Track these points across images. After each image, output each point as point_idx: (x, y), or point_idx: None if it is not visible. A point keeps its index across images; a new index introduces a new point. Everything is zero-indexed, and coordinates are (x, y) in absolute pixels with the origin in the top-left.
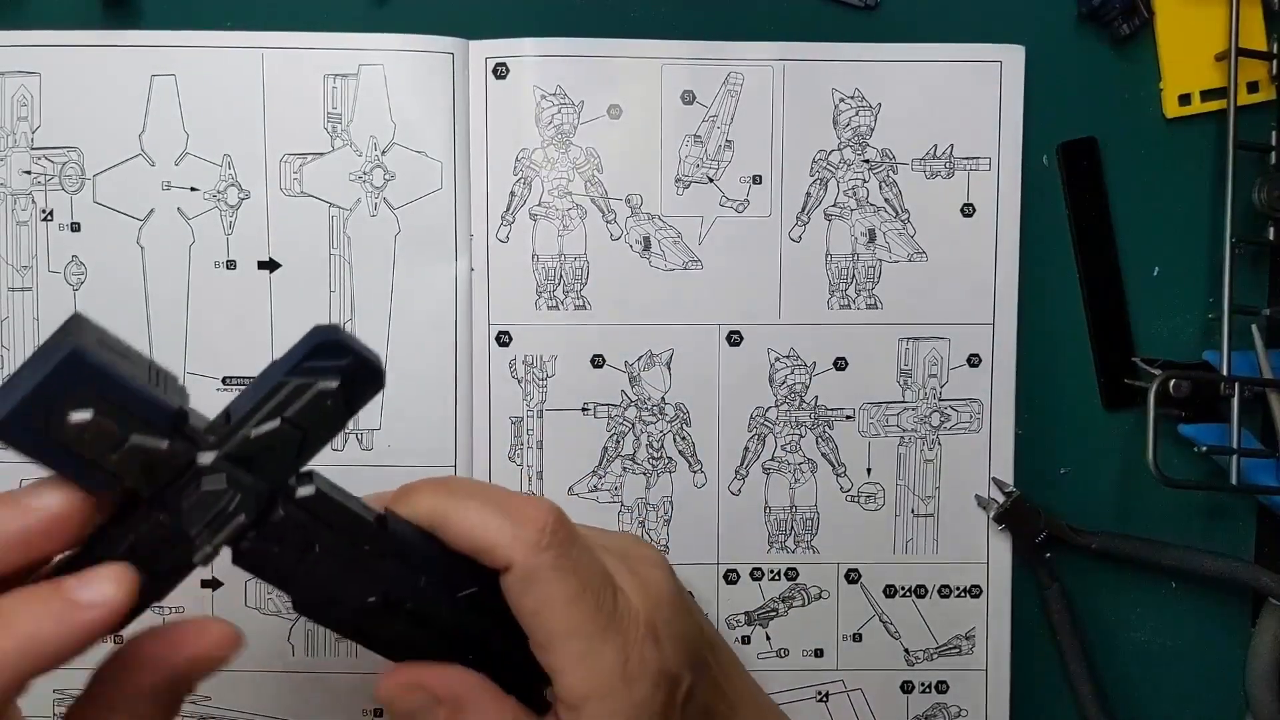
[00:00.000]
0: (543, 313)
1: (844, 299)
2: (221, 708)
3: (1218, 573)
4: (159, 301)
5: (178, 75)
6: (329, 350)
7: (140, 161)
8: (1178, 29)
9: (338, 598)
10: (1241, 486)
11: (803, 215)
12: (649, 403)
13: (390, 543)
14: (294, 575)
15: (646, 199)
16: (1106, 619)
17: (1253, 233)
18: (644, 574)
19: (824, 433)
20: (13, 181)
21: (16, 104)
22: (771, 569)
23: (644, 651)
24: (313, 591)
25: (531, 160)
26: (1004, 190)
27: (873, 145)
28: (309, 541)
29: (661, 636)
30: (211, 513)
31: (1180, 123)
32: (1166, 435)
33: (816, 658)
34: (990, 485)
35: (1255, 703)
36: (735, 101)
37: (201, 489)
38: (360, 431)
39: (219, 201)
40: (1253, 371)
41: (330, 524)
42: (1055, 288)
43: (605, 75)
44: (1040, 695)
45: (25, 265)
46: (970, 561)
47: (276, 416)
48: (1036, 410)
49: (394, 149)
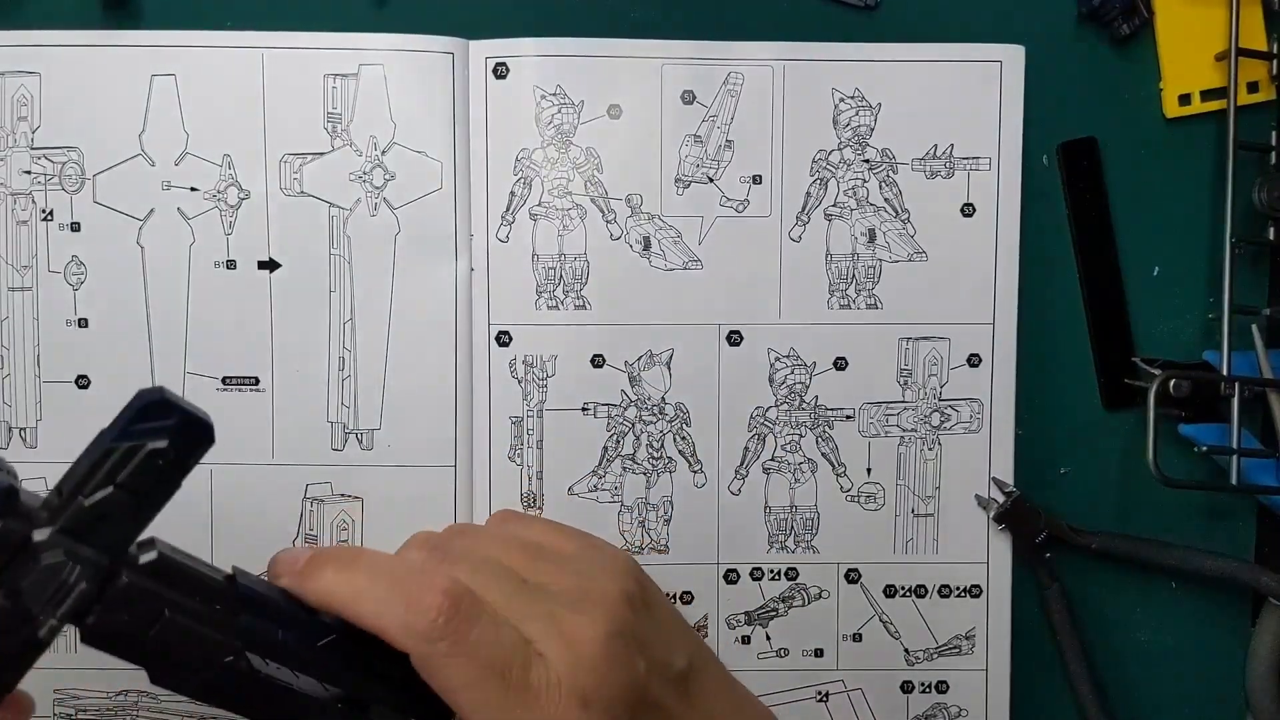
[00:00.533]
0: (543, 313)
1: (844, 299)
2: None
3: (1218, 573)
4: (159, 301)
5: (178, 75)
6: (155, 411)
7: (140, 161)
8: (1178, 29)
9: (194, 663)
10: (1241, 486)
11: (803, 215)
12: (649, 403)
13: (241, 600)
14: (146, 646)
15: (646, 199)
16: (1106, 619)
17: (1253, 233)
18: (572, 629)
19: (824, 433)
20: (12, 181)
21: (16, 104)
22: (771, 569)
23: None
24: (167, 660)
25: (531, 160)
26: (1004, 190)
27: (873, 145)
28: (157, 609)
29: (591, 699)
30: (51, 588)
31: (1180, 123)
32: (1166, 435)
33: (816, 658)
34: (990, 485)
35: (1255, 703)
36: (735, 101)
37: (40, 565)
38: (360, 431)
39: (219, 201)
40: (1253, 371)
41: (177, 587)
42: (1055, 288)
43: (605, 75)
44: (1040, 695)
45: (25, 265)
46: (970, 561)
47: (109, 484)
48: (1036, 410)
49: (394, 149)
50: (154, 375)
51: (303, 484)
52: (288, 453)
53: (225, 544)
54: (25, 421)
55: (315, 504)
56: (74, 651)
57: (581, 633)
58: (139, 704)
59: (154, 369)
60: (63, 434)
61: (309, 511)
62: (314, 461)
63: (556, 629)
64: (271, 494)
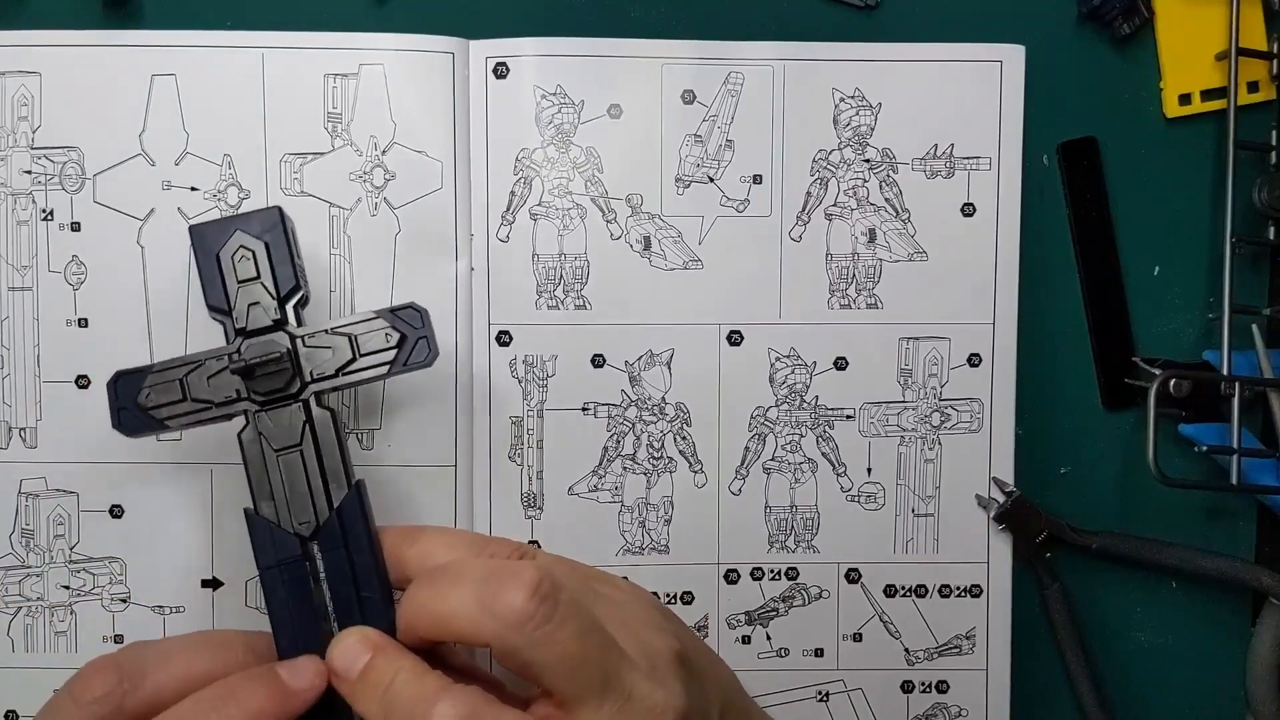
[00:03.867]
0: (543, 312)
1: (844, 299)
2: None
3: (1218, 573)
4: (159, 301)
5: (178, 75)
6: (413, 318)
7: (140, 161)
8: (1178, 29)
9: (270, 542)
10: (1241, 486)
11: (803, 215)
12: (649, 402)
13: (346, 507)
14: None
15: (647, 199)
16: (1106, 619)
17: (1253, 233)
18: (648, 699)
19: (824, 432)
20: (13, 181)
21: (17, 104)
22: (772, 569)
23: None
24: (265, 490)
25: (532, 160)
26: (1004, 190)
27: (873, 145)
28: (297, 442)
29: None
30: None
31: (1180, 123)
32: (1166, 435)
33: (817, 657)
34: (990, 485)
35: (1255, 703)
36: (735, 101)
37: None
38: (360, 431)
39: (219, 201)
40: (1253, 371)
41: (320, 442)
42: (1055, 288)
43: (605, 75)
44: (1040, 695)
45: (25, 265)
46: (970, 561)
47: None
48: (1036, 410)
49: (394, 149)
50: None
51: None
52: None
53: (225, 544)
54: (25, 421)
55: None
56: (74, 651)
57: (658, 711)
58: None
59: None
60: (63, 434)
61: None
62: None
63: (636, 704)
64: None
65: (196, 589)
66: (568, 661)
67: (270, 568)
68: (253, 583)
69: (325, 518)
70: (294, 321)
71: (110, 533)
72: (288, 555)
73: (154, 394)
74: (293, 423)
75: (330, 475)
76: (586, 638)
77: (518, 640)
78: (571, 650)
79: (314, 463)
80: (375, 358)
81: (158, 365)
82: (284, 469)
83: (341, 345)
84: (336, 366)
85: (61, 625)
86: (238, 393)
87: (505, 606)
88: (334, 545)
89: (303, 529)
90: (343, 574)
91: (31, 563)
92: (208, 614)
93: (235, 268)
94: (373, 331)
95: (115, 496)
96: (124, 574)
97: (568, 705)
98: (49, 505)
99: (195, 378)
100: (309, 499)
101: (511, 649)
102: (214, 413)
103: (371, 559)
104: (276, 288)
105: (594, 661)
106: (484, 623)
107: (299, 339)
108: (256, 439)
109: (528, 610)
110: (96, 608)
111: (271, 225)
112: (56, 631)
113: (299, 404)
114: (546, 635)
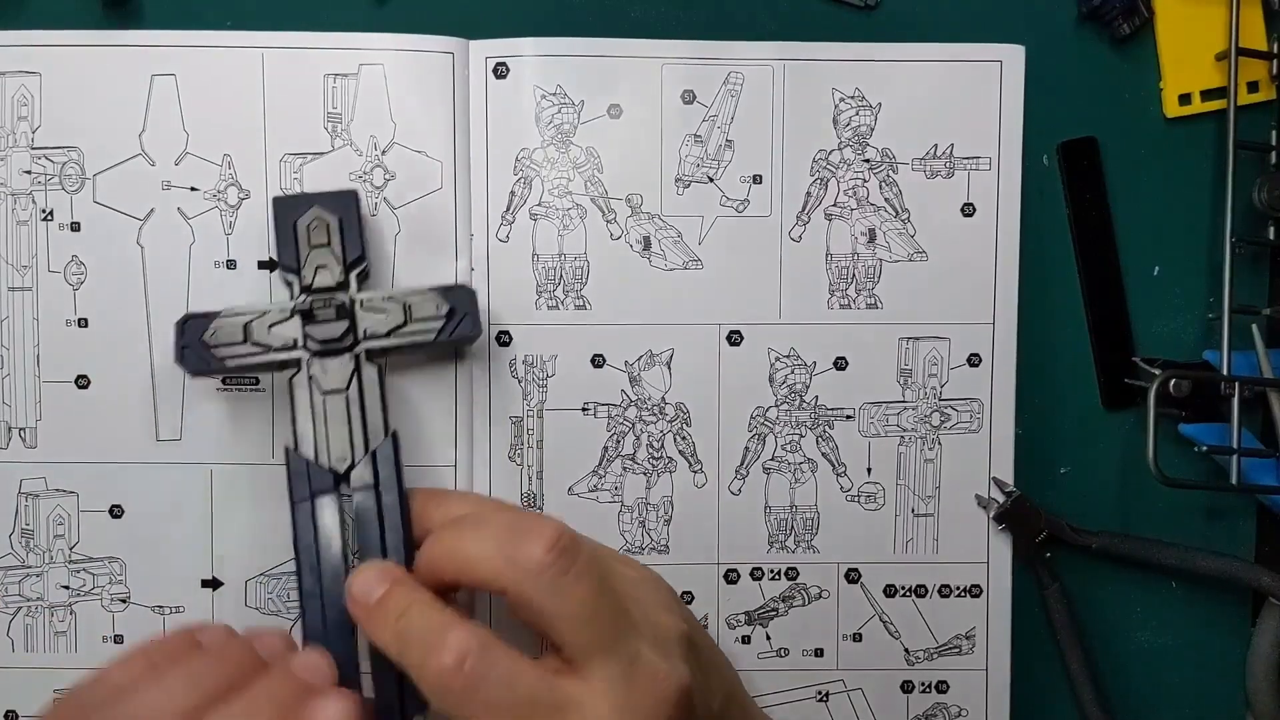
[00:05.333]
0: (543, 312)
1: (844, 299)
2: None
3: (1218, 573)
4: (159, 301)
5: (178, 75)
6: (463, 298)
7: (140, 161)
8: (1178, 29)
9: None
10: (1241, 486)
11: (803, 215)
12: (649, 403)
13: (381, 452)
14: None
15: (646, 199)
16: (1106, 619)
17: (1253, 233)
18: (652, 670)
19: (824, 432)
20: (12, 181)
21: (16, 104)
22: (771, 569)
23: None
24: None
25: (531, 160)
26: (1004, 190)
27: (873, 145)
28: (344, 388)
29: None
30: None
31: (1180, 123)
32: (1166, 435)
33: (816, 657)
34: (990, 485)
35: (1255, 703)
36: (735, 101)
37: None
38: None
39: (219, 201)
40: (1253, 371)
41: (365, 391)
42: (1055, 288)
43: (605, 75)
44: (1040, 695)
45: (25, 265)
46: (970, 561)
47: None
48: (1036, 410)
49: (394, 149)
50: (154, 375)
51: None
52: None
53: (225, 544)
54: (25, 421)
55: None
56: (74, 651)
57: (661, 679)
58: None
59: (154, 368)
60: (62, 434)
61: None
62: None
63: (641, 669)
64: (271, 494)
65: (196, 589)
66: (580, 614)
67: (304, 500)
68: (252, 583)
69: (360, 460)
70: (355, 287)
71: (110, 533)
72: (321, 489)
73: (219, 334)
74: (343, 371)
75: (370, 422)
76: (600, 596)
77: (534, 588)
78: (585, 603)
79: (357, 409)
80: (425, 324)
81: (225, 311)
82: (328, 411)
83: (395, 310)
84: (389, 328)
85: (61, 625)
86: (295, 341)
87: (525, 554)
88: (365, 486)
89: (339, 464)
90: (370, 514)
91: (31, 563)
92: (207, 614)
93: (310, 235)
94: (426, 301)
95: (115, 496)
96: (124, 574)
97: (575, 660)
98: (49, 505)
99: (258, 325)
100: (348, 441)
101: (527, 597)
102: (271, 356)
103: (398, 504)
104: (344, 254)
105: (605, 620)
106: (504, 568)
107: (358, 301)
108: (307, 382)
109: (546, 560)
110: (96, 608)
111: (347, 204)
112: (56, 631)
113: (351, 355)
114: (562, 586)
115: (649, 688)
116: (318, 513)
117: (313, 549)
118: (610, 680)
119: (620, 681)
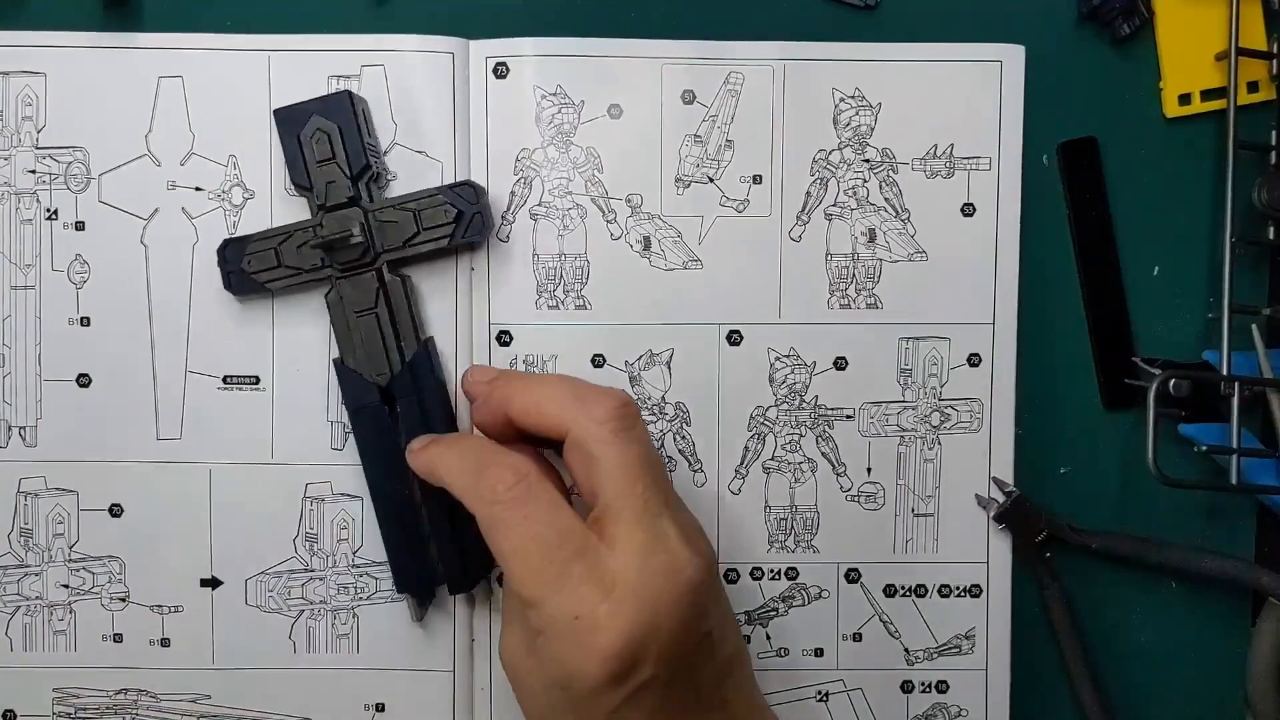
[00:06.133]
0: (543, 312)
1: (844, 299)
2: (223, 705)
3: (1218, 573)
4: (162, 300)
5: (185, 77)
6: (470, 192)
7: (146, 161)
8: (1178, 29)
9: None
10: (1241, 486)
11: (803, 215)
12: (649, 402)
13: (415, 364)
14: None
15: (646, 199)
16: (1106, 619)
17: (1253, 233)
18: (677, 556)
19: (824, 432)
20: (17, 180)
21: (21, 103)
22: (771, 568)
23: None
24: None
25: (532, 160)
26: (1004, 190)
27: (873, 145)
28: (373, 305)
29: (646, 634)
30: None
31: (1180, 123)
32: (1166, 435)
33: (816, 657)
34: (990, 485)
35: (1255, 703)
36: (735, 101)
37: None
38: None
39: (223, 201)
40: (1253, 371)
41: (394, 307)
42: (1055, 288)
43: (605, 75)
44: (1040, 695)
45: (29, 264)
46: (970, 561)
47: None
48: (1036, 410)
49: (395, 149)
50: (155, 374)
51: (303, 484)
52: (288, 453)
53: (225, 544)
54: (25, 420)
55: (315, 504)
56: (73, 650)
57: (680, 567)
58: (139, 703)
59: (155, 367)
60: (63, 433)
61: (309, 511)
62: (314, 461)
63: (665, 546)
64: (271, 494)
65: (195, 588)
66: (627, 473)
67: (358, 409)
68: (252, 581)
69: (399, 370)
70: (367, 197)
71: (109, 532)
72: (368, 401)
73: (254, 260)
74: (369, 288)
75: (402, 334)
76: (647, 466)
77: (596, 435)
78: (633, 465)
79: (388, 323)
80: (435, 231)
81: (255, 235)
82: (363, 329)
83: (407, 220)
84: (404, 239)
85: (60, 624)
86: (321, 261)
87: (595, 403)
88: (407, 392)
89: (380, 380)
90: (415, 417)
91: (30, 562)
92: (207, 613)
93: (314, 149)
94: (435, 207)
95: (114, 495)
96: (123, 573)
97: (607, 518)
98: (48, 504)
99: (286, 248)
100: (384, 354)
101: (587, 441)
102: (304, 278)
103: (440, 405)
104: (349, 166)
105: (645, 489)
106: (572, 411)
107: (371, 214)
108: (339, 302)
109: (613, 413)
110: (95, 606)
111: (341, 108)
112: (55, 630)
113: (373, 272)
114: (620, 441)
115: (667, 568)
116: (370, 420)
117: (372, 453)
118: (634, 548)
119: (641, 552)
